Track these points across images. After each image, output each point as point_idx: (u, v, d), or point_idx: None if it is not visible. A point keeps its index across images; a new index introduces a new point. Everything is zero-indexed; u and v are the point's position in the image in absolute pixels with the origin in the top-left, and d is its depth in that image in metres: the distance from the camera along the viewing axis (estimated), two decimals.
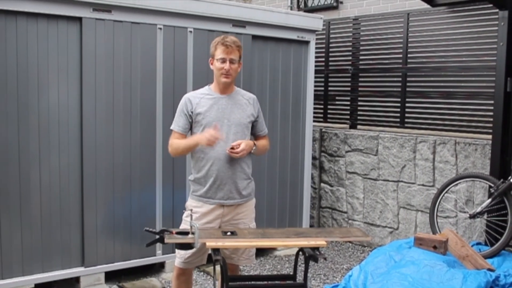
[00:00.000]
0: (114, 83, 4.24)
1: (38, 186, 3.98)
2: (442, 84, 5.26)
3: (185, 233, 2.89)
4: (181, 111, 3.21)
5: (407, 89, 5.54)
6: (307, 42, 5.40)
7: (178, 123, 3.21)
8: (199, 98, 3.19)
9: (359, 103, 6.07)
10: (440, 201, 4.52)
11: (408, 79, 5.54)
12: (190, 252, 3.10)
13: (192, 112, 3.17)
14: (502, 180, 4.15)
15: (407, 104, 5.55)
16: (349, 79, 6.16)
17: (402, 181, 5.35)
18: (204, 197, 3.17)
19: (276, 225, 5.26)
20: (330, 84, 6.38)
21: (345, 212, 5.93)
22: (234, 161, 3.13)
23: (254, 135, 3.38)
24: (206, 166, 3.15)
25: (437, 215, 4.50)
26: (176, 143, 3.21)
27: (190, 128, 3.23)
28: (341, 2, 7.36)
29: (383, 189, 5.52)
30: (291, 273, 3.31)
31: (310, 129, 5.59)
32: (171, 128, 3.25)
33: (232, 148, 3.08)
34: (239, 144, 3.10)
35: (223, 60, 3.12)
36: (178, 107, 3.25)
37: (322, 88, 6.39)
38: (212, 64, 3.21)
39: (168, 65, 4.49)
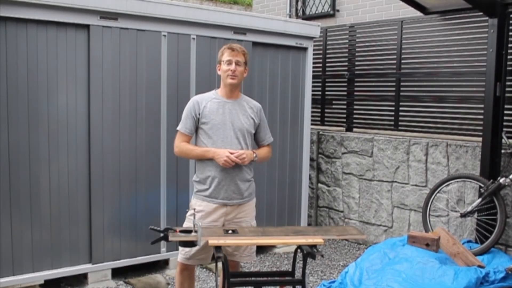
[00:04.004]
0: (120, 88, 4.27)
1: (47, 187, 4.02)
2: (434, 88, 5.29)
3: (189, 231, 2.94)
4: (189, 113, 3.24)
5: (401, 93, 5.57)
6: (305, 49, 5.45)
7: (185, 125, 3.25)
8: (206, 101, 3.24)
9: (355, 107, 6.10)
10: (432, 201, 4.59)
11: (401, 84, 5.57)
12: (194, 249, 3.15)
13: (199, 115, 3.21)
14: (491, 180, 4.23)
15: (401, 108, 5.58)
16: (345, 84, 6.18)
17: (396, 182, 5.40)
18: (208, 197, 3.22)
19: (276, 224, 5.29)
20: (327, 88, 6.41)
21: (342, 211, 5.99)
22: (237, 164, 3.19)
23: (258, 143, 3.43)
24: (211, 168, 3.21)
25: (429, 214, 4.57)
26: (188, 148, 3.25)
27: (195, 129, 3.28)
28: (338, 10, 7.40)
29: (378, 189, 5.58)
30: (290, 270, 3.35)
31: (308, 131, 5.62)
32: (178, 129, 3.28)
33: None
34: (238, 152, 3.16)
35: (229, 62, 3.17)
36: (186, 109, 3.28)
37: (320, 93, 6.42)
38: (219, 69, 3.26)
39: (172, 70, 4.52)
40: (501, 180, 4.17)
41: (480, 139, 4.61)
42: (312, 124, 5.84)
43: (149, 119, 4.47)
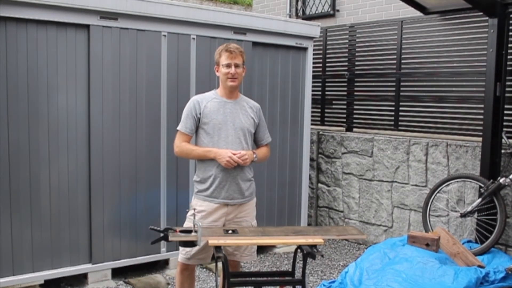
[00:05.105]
0: (120, 87, 4.27)
1: (47, 186, 4.02)
2: (434, 88, 5.29)
3: (189, 231, 2.94)
4: (189, 113, 3.24)
5: (401, 93, 5.58)
6: (305, 49, 5.45)
7: (186, 124, 3.24)
8: (207, 101, 3.24)
9: (355, 107, 6.10)
10: (432, 201, 4.59)
11: (401, 84, 5.57)
12: (194, 249, 3.16)
13: (200, 114, 3.21)
14: (491, 180, 4.23)
15: (401, 108, 5.58)
16: (345, 84, 6.19)
17: (396, 182, 5.41)
18: (209, 196, 3.22)
19: (275, 224, 5.30)
20: (327, 88, 6.41)
21: (342, 211, 6.00)
22: (238, 164, 3.18)
23: (256, 143, 3.44)
24: (212, 168, 3.21)
25: (429, 214, 4.58)
26: (189, 148, 3.24)
27: (195, 129, 3.27)
28: (338, 10, 7.41)
29: (378, 189, 5.58)
30: (290, 270, 3.35)
31: (308, 131, 5.62)
32: (178, 128, 3.27)
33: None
34: (240, 152, 3.16)
35: (229, 65, 3.18)
36: (186, 109, 3.27)
37: (320, 93, 6.42)
38: (217, 71, 3.26)
39: (172, 70, 4.53)
40: (501, 180, 4.17)
41: (480, 139, 4.62)
42: (312, 124, 5.85)
43: (149, 119, 4.47)
